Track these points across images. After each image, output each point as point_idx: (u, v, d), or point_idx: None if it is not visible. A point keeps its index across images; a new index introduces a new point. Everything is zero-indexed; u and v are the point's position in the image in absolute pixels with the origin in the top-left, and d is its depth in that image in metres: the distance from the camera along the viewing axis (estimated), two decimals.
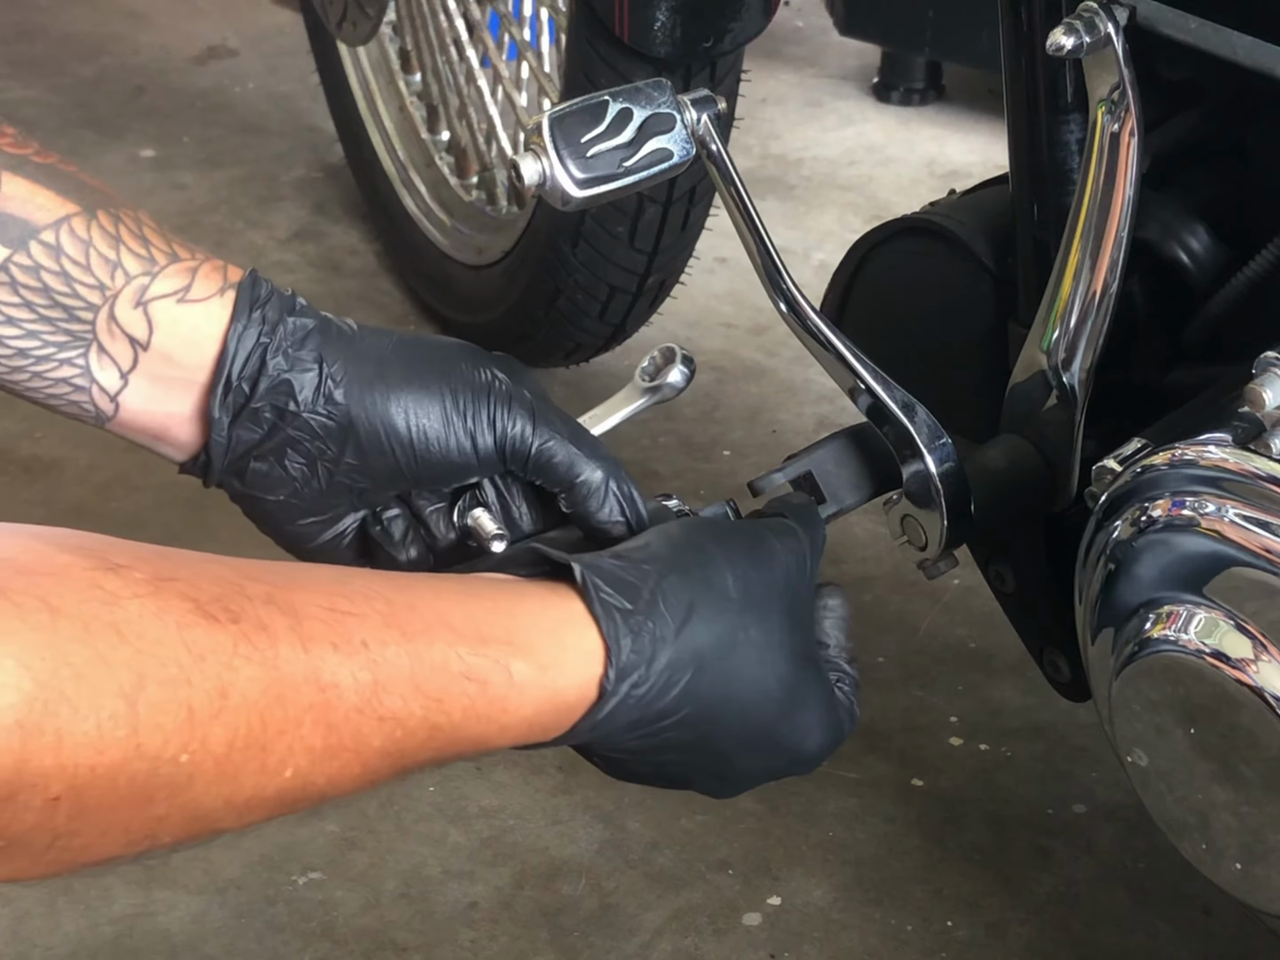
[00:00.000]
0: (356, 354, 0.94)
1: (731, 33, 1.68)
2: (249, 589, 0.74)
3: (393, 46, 2.30)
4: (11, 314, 0.90)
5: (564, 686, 0.82)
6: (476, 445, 0.94)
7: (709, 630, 0.86)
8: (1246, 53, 0.99)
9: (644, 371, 1.05)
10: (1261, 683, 0.96)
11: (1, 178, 0.89)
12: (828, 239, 2.44)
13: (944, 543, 1.07)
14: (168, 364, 0.93)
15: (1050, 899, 1.47)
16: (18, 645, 0.65)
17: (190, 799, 0.71)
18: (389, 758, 0.77)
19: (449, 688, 0.78)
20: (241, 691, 0.71)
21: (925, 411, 1.05)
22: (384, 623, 0.77)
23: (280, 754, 0.73)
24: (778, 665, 0.89)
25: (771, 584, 0.90)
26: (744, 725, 0.89)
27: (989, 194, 1.30)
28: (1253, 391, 0.94)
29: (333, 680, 0.74)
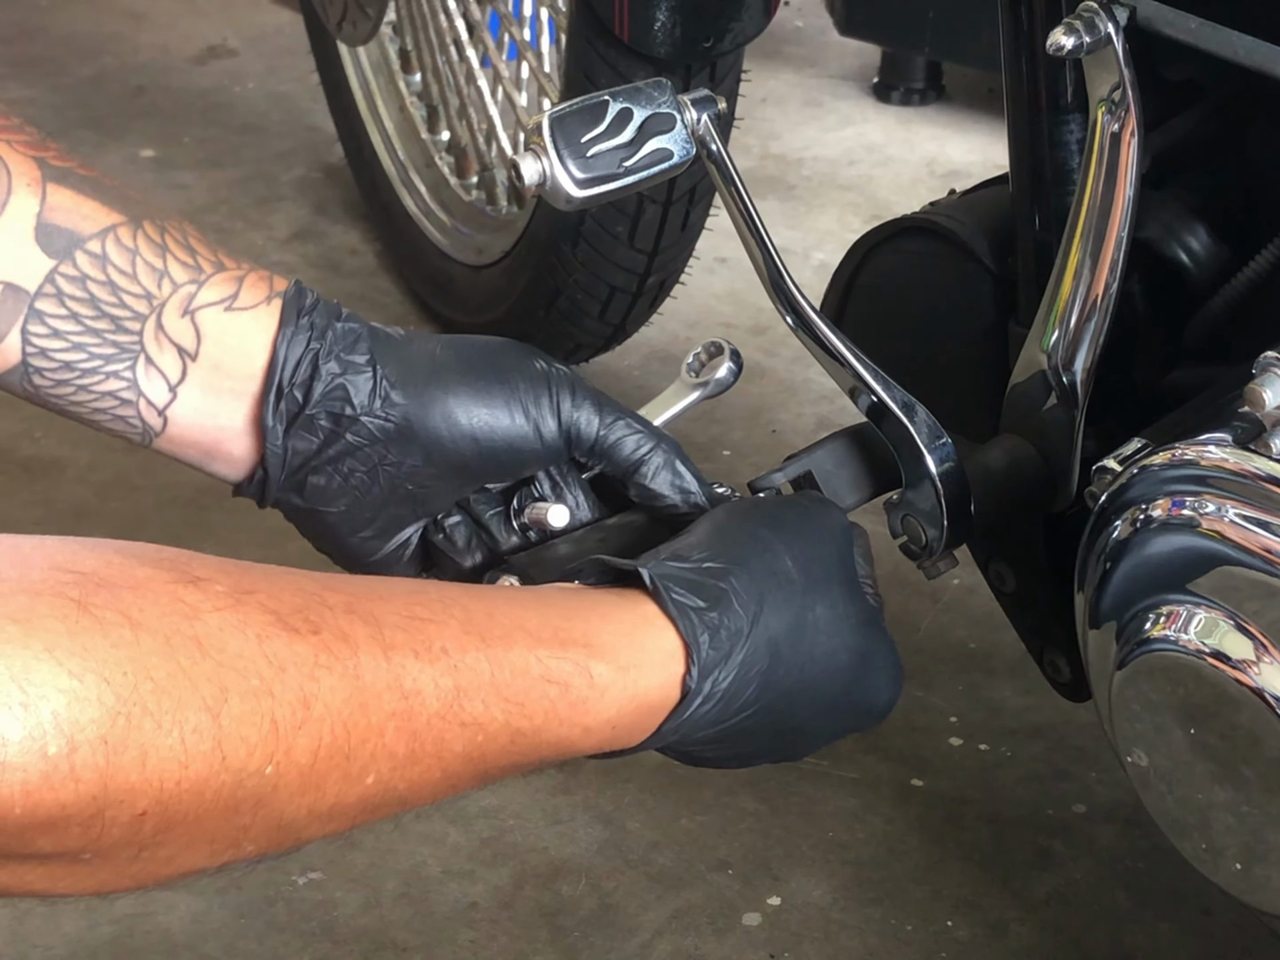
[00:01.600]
0: (408, 354, 0.94)
1: (731, 33, 1.68)
2: (329, 599, 0.74)
3: (393, 46, 2.30)
4: (57, 326, 0.89)
5: (646, 687, 0.83)
6: (541, 432, 0.94)
7: (780, 618, 0.87)
8: (1246, 53, 0.99)
9: (690, 367, 1.05)
10: (1261, 683, 0.96)
11: (47, 189, 0.88)
12: (828, 239, 2.44)
13: (944, 543, 1.07)
14: (217, 374, 0.92)
15: (1050, 899, 1.47)
16: (99, 660, 0.65)
17: (275, 809, 0.71)
18: (471, 763, 0.77)
19: (530, 691, 0.78)
20: (324, 701, 0.71)
21: (925, 411, 1.05)
22: (463, 629, 0.77)
23: (363, 761, 0.73)
24: (845, 637, 0.91)
25: (827, 559, 0.91)
26: (819, 699, 0.90)
27: (989, 194, 1.30)
28: (1253, 391, 0.94)
29: (414, 687, 0.74)
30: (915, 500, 1.06)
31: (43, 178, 0.89)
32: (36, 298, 0.88)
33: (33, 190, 0.88)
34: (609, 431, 0.96)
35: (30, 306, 0.88)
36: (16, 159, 0.88)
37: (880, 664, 0.94)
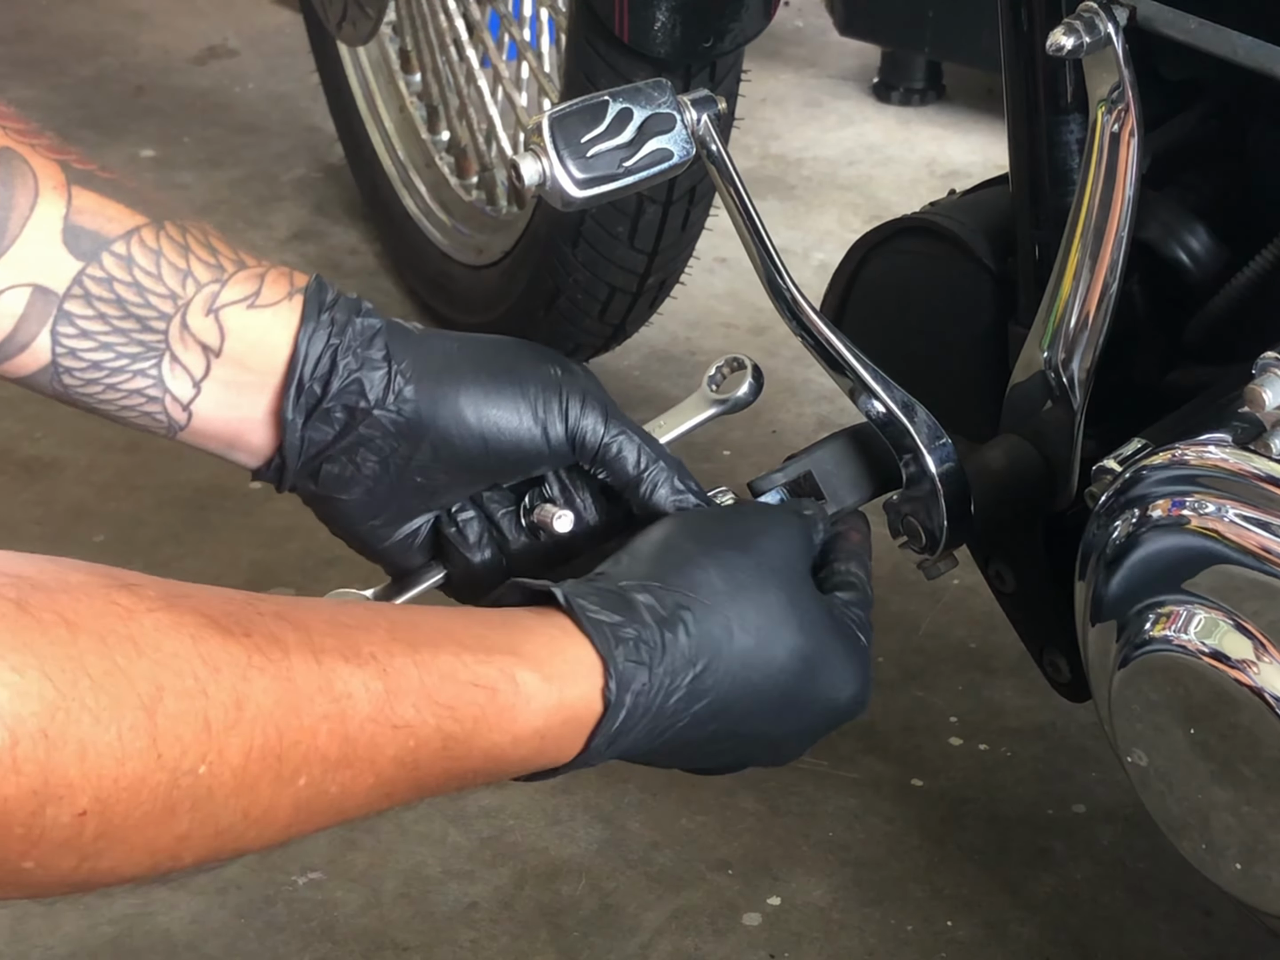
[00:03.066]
0: (424, 351, 0.96)
1: (731, 33, 1.68)
2: (259, 606, 0.75)
3: (393, 46, 2.30)
4: (86, 327, 0.91)
5: (570, 698, 0.83)
6: (548, 435, 0.96)
7: (701, 627, 0.87)
8: (1246, 53, 0.99)
9: (711, 380, 1.05)
10: (1261, 683, 0.96)
11: (72, 192, 0.90)
12: (828, 239, 2.44)
13: (944, 543, 1.07)
14: (240, 369, 0.94)
15: (1050, 899, 1.47)
16: (39, 656, 0.65)
17: (210, 812, 0.71)
18: (404, 768, 0.78)
19: (459, 696, 0.79)
20: (257, 702, 0.71)
21: (925, 411, 1.05)
22: (390, 636, 0.78)
23: (295, 763, 0.73)
24: (784, 639, 0.89)
25: (759, 564, 0.90)
26: (765, 702, 0.90)
27: (989, 194, 1.30)
28: (1253, 392, 0.94)
29: (345, 690, 0.75)
30: (915, 500, 1.06)
31: (67, 181, 0.90)
32: (65, 299, 0.90)
33: (59, 193, 0.90)
34: (612, 443, 0.97)
35: (59, 308, 0.90)
36: (41, 163, 0.90)
37: (832, 659, 0.92)
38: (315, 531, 1.91)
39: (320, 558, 1.85)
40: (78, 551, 1.86)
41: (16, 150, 0.89)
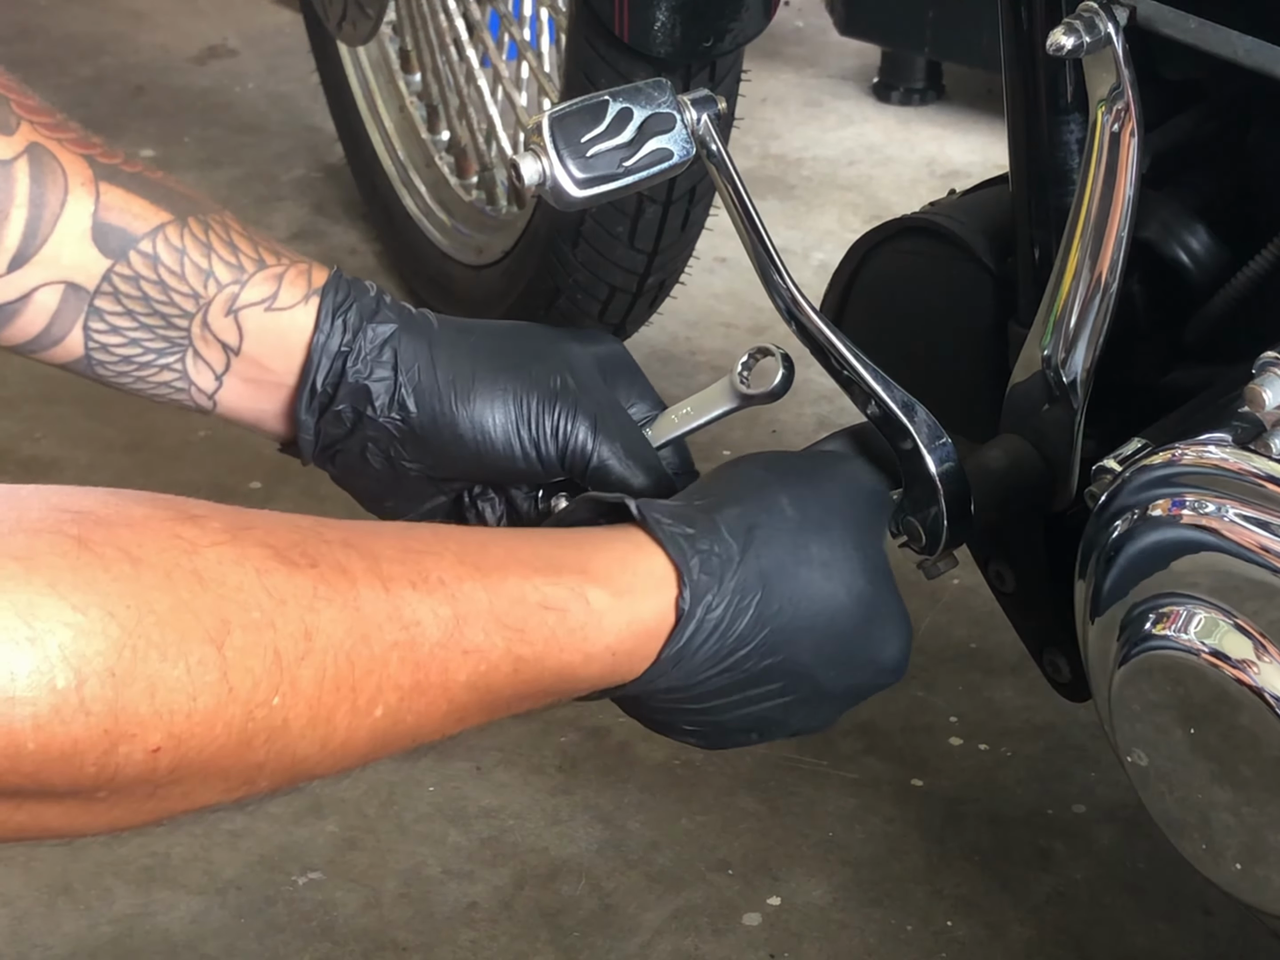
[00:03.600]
0: (431, 360, 0.98)
1: (731, 33, 1.68)
2: (325, 534, 0.75)
3: (393, 46, 2.30)
4: (116, 323, 0.94)
5: (642, 612, 0.83)
6: (541, 454, 0.98)
7: (770, 549, 0.88)
8: (1246, 53, 0.99)
9: (743, 368, 1.05)
10: (1261, 683, 0.96)
11: (100, 188, 0.92)
12: (828, 239, 2.44)
13: (944, 543, 1.07)
14: (257, 368, 0.98)
15: (1050, 899, 1.47)
16: (101, 594, 0.65)
17: (286, 744, 0.71)
18: (476, 692, 0.78)
19: (529, 618, 0.79)
20: (326, 633, 0.72)
21: (925, 411, 1.05)
22: (458, 560, 0.78)
23: (369, 693, 0.73)
24: (846, 578, 0.90)
25: (828, 502, 0.92)
26: (822, 640, 0.90)
27: (989, 194, 1.30)
28: (1253, 391, 0.94)
29: (414, 617, 0.75)
30: (915, 500, 1.06)
31: (95, 177, 0.92)
32: (95, 296, 0.93)
33: (87, 190, 0.92)
34: (599, 465, 0.98)
35: (90, 304, 0.93)
36: (69, 158, 0.91)
37: (886, 612, 0.93)
38: None
39: None
40: None
41: (45, 146, 0.91)
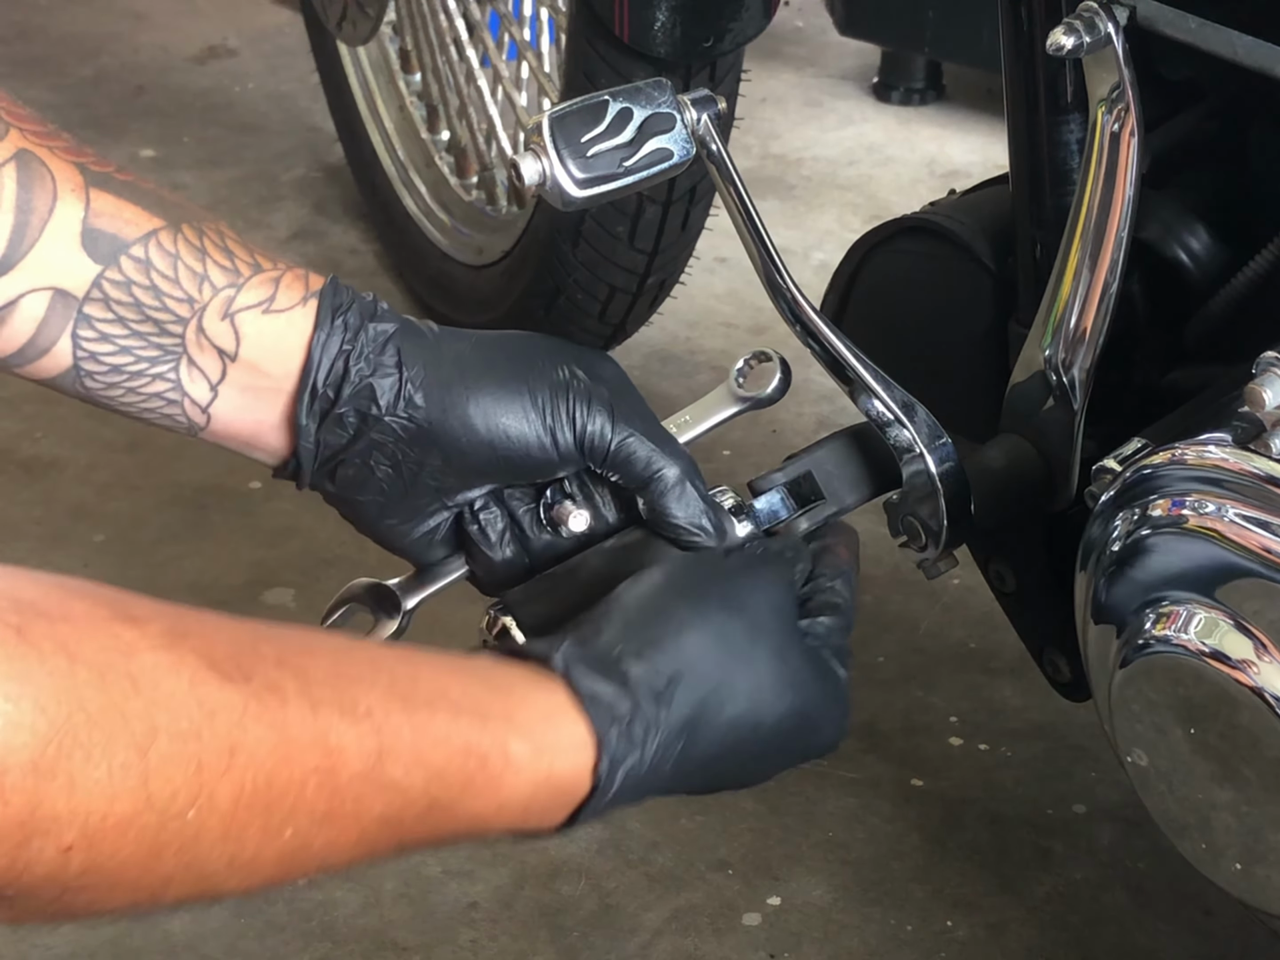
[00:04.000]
0: (435, 357, 0.96)
1: (731, 33, 1.68)
2: (260, 648, 0.74)
3: (393, 46, 2.30)
4: (105, 330, 0.92)
5: (560, 772, 0.83)
6: (557, 441, 0.96)
7: (693, 699, 0.87)
8: (1246, 53, 0.99)
9: (738, 375, 1.04)
10: (1261, 683, 0.96)
11: (90, 195, 0.90)
12: (828, 239, 2.44)
13: (944, 543, 1.07)
14: (255, 374, 0.94)
15: (1050, 899, 1.47)
16: (35, 687, 0.65)
17: (196, 857, 0.71)
18: (389, 827, 0.77)
19: (450, 762, 0.79)
20: (250, 750, 0.71)
21: (925, 411, 1.05)
22: (388, 692, 0.77)
23: (283, 814, 0.73)
24: (775, 705, 0.89)
25: (752, 627, 0.90)
26: (750, 758, 0.91)
27: (989, 194, 1.30)
28: (1253, 391, 0.94)
29: (339, 745, 0.74)
30: (915, 500, 1.06)
31: (85, 183, 0.91)
32: (85, 303, 0.91)
33: (77, 196, 0.90)
34: (621, 446, 0.97)
35: (79, 311, 0.91)
36: (59, 164, 0.90)
37: (817, 714, 0.92)
38: (315, 531, 1.92)
39: (320, 558, 1.85)
40: (78, 551, 1.87)
41: (35, 153, 0.90)
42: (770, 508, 1.02)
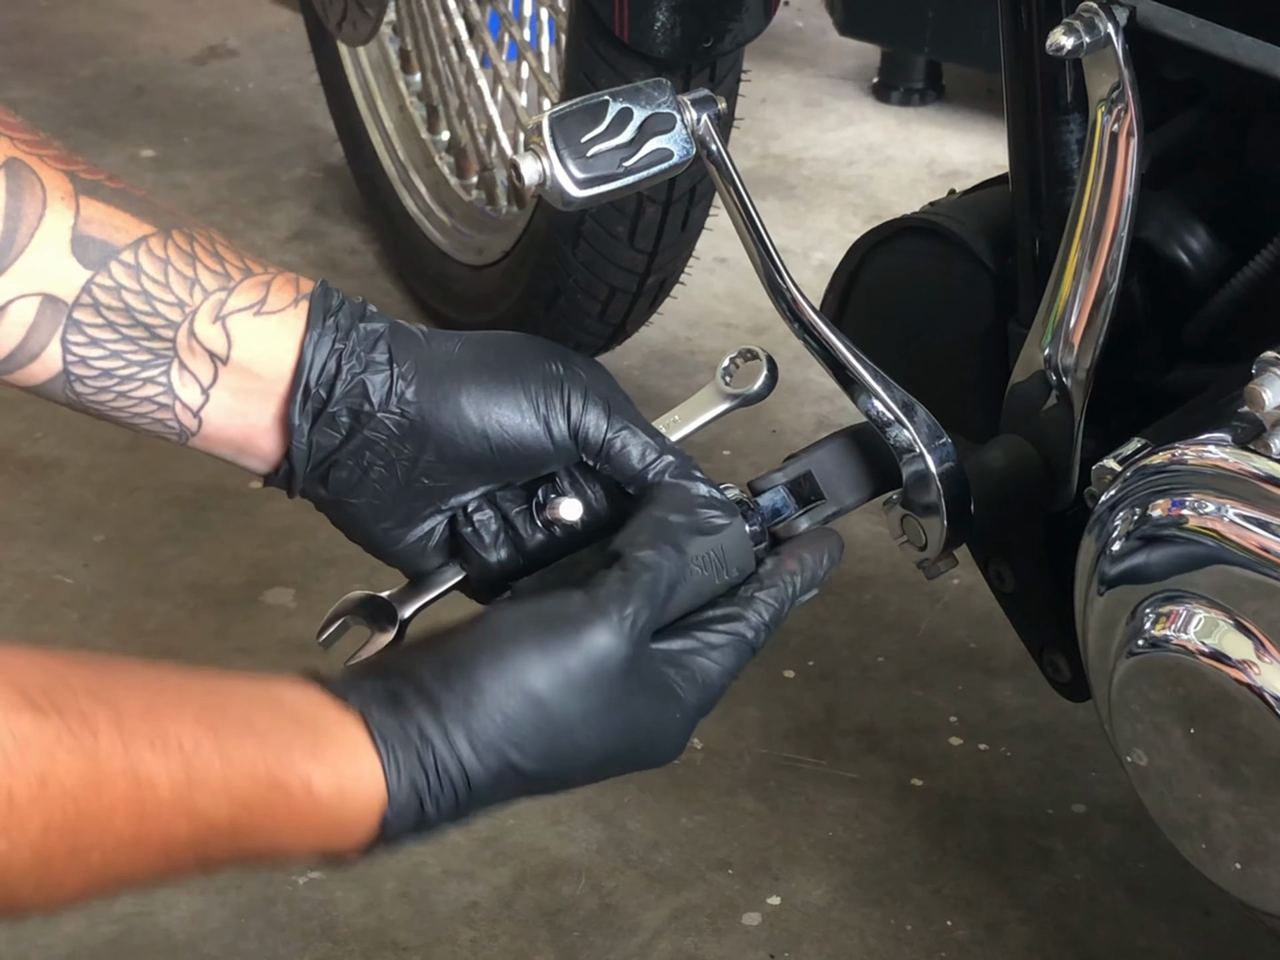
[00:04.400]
0: (426, 354, 0.96)
1: (731, 33, 1.68)
2: (72, 681, 0.75)
3: (393, 46, 2.30)
4: (95, 335, 0.92)
5: (357, 806, 0.84)
6: (552, 433, 0.96)
7: (496, 740, 0.86)
8: (1246, 53, 0.99)
9: (724, 373, 1.04)
10: (1261, 683, 0.96)
11: (80, 202, 0.91)
12: (828, 239, 2.44)
13: (944, 543, 1.07)
14: (247, 376, 0.94)
15: (1050, 899, 1.47)
16: None
17: (6, 884, 0.72)
18: (194, 851, 0.79)
19: (255, 791, 0.80)
20: (60, 781, 0.72)
21: (925, 411, 1.05)
22: (198, 723, 0.78)
23: (90, 838, 0.74)
24: (584, 746, 0.89)
25: (554, 688, 0.87)
26: (561, 780, 0.91)
27: (989, 194, 1.30)
28: (1253, 391, 0.94)
29: (149, 775, 0.76)
30: (915, 500, 1.06)
31: (75, 191, 0.91)
32: (74, 308, 0.91)
33: (67, 204, 0.90)
34: (615, 438, 0.96)
35: (69, 316, 0.91)
36: (49, 173, 0.90)
37: (644, 743, 0.91)
38: (315, 531, 1.91)
39: (320, 558, 1.85)
40: (78, 551, 1.87)
41: (25, 161, 0.90)
42: (773, 505, 1.02)
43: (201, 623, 1.77)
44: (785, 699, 1.67)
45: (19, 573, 1.84)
